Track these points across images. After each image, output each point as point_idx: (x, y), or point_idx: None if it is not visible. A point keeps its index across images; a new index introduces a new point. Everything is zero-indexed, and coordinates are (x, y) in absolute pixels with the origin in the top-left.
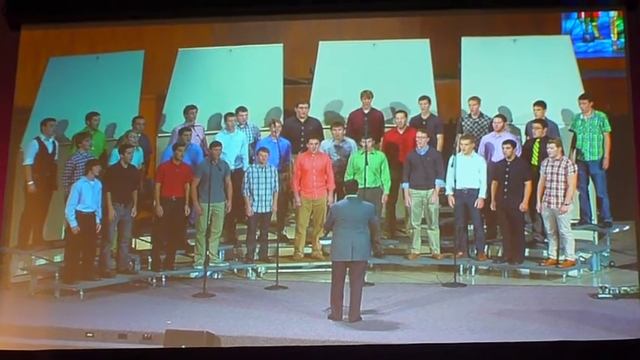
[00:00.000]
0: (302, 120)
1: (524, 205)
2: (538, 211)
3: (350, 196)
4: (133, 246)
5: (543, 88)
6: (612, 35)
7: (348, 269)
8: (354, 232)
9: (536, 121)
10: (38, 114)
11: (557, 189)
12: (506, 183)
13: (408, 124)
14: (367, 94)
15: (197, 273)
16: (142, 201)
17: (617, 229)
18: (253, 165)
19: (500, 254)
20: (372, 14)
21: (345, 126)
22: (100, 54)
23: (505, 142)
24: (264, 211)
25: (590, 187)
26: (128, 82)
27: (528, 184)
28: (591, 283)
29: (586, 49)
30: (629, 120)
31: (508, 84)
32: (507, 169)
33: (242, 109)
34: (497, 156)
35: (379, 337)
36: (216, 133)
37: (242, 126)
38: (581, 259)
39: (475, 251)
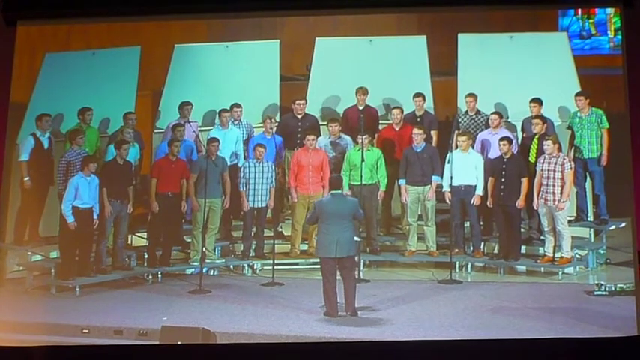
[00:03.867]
0: (299, 116)
1: (520, 202)
2: (535, 208)
3: (333, 192)
4: (129, 242)
5: (540, 85)
6: (609, 32)
7: (338, 266)
8: (338, 229)
9: (536, 117)
10: (34, 110)
11: (553, 186)
12: (502, 180)
13: (403, 121)
14: (362, 91)
15: (193, 269)
16: (137, 197)
17: (613, 227)
18: (250, 160)
19: (496, 251)
20: (369, 11)
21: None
22: (96, 50)
23: (501, 139)
24: (260, 206)
25: (587, 184)
26: (124, 78)
27: (525, 181)
28: (587, 280)
29: (583, 46)
30: (625, 117)
31: (504, 81)
32: (504, 166)
33: (236, 105)
34: (494, 153)
35: (375, 334)
36: (210, 130)
37: (236, 122)
38: (577, 256)
39: (471, 248)
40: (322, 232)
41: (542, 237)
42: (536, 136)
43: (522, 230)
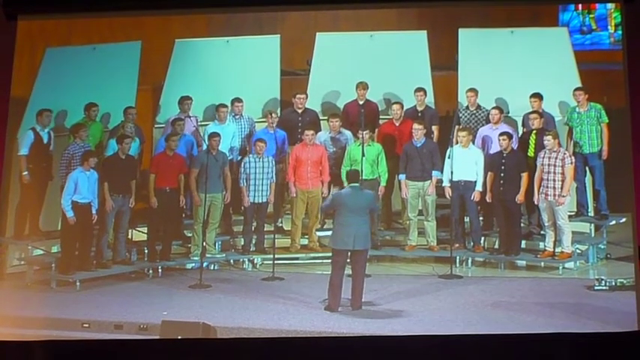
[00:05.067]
0: (299, 111)
1: (520, 197)
2: (535, 202)
3: (352, 185)
4: (130, 237)
5: (540, 80)
6: (609, 27)
7: (350, 259)
8: (356, 221)
9: (533, 112)
10: (35, 104)
11: (554, 181)
12: (502, 175)
13: (404, 116)
14: (362, 85)
15: (193, 264)
16: (138, 192)
17: (613, 222)
18: (250, 155)
19: (496, 246)
20: (370, 5)
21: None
22: (96, 44)
23: (501, 134)
24: (260, 201)
25: (588, 179)
26: (125, 73)
27: (524, 175)
28: (587, 275)
29: (583, 41)
30: (626, 112)
31: (505, 76)
32: (503, 161)
33: (237, 100)
34: (494, 148)
35: (375, 328)
36: (208, 124)
37: (237, 117)
38: (578, 251)
39: (472, 243)
40: (340, 224)
41: (542, 232)
42: (534, 131)
43: (522, 225)
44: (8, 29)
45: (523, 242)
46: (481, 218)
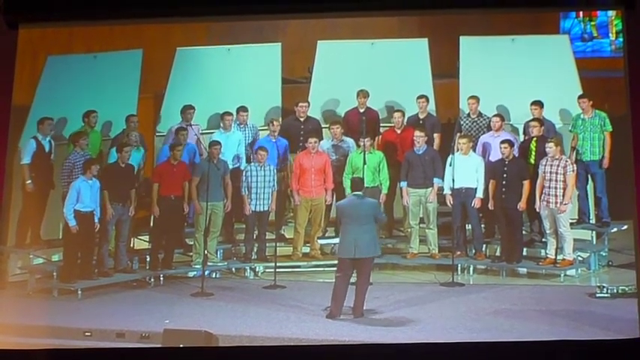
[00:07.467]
0: (301, 119)
1: (522, 205)
2: (537, 210)
3: (355, 193)
4: (132, 245)
5: (541, 87)
6: (610, 35)
7: (355, 267)
8: (357, 229)
9: (533, 119)
10: (36, 113)
11: (556, 188)
12: (504, 182)
13: (405, 124)
14: (363, 94)
15: (195, 272)
16: (140, 200)
17: (615, 229)
18: (252, 164)
19: (498, 253)
20: (371, 13)
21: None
22: (97, 53)
23: (503, 142)
24: (262, 209)
25: (589, 186)
26: (126, 81)
27: (526, 183)
28: (589, 282)
29: (584, 48)
30: (627, 120)
31: (506, 83)
32: (505, 169)
33: (243, 109)
34: (495, 155)
35: (377, 337)
36: (213, 133)
37: (242, 126)
38: (579, 258)
39: (473, 251)
40: (343, 233)
41: (544, 239)
42: (534, 139)
43: (524, 233)
44: (9, 37)
45: (525, 250)
46: (483, 226)
